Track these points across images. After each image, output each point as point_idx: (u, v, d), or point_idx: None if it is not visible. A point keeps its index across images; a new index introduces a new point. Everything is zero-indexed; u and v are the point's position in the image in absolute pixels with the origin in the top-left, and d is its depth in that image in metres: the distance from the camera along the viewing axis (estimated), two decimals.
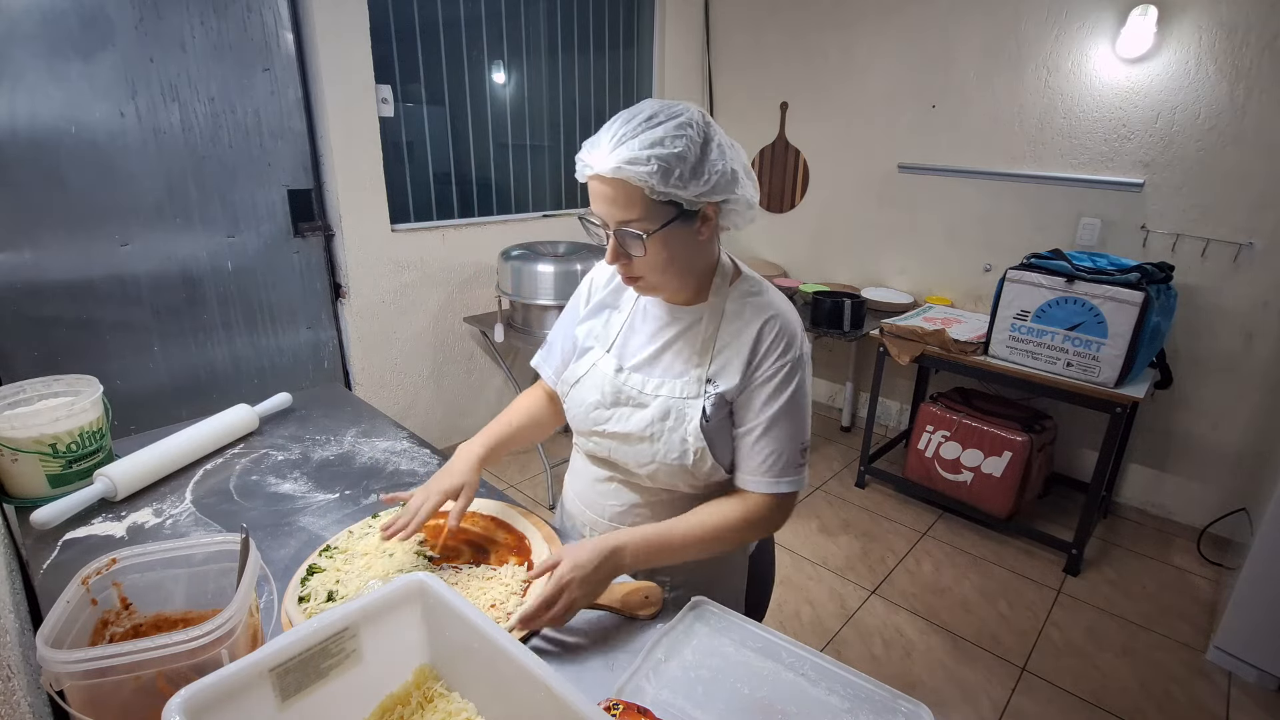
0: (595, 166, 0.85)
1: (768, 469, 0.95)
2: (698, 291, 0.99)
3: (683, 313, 0.99)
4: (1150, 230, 2.45)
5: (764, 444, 0.94)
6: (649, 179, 0.82)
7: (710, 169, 0.85)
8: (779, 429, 0.94)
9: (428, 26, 2.56)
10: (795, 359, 0.95)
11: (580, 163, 0.88)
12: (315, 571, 0.93)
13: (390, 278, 2.61)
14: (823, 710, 0.74)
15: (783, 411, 0.94)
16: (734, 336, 0.96)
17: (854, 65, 3.08)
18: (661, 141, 0.82)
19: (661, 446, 0.96)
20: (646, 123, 0.84)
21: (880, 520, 2.65)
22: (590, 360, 1.05)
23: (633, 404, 0.99)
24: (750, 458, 0.95)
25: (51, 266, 1.90)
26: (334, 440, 1.36)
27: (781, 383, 0.94)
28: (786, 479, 0.95)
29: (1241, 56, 2.18)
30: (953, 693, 1.84)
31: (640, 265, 0.90)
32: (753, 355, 0.94)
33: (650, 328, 1.02)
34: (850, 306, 2.72)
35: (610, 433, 1.01)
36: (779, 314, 0.96)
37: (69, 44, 1.82)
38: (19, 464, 1.06)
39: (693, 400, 0.95)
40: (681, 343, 0.99)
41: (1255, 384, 2.35)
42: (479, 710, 0.69)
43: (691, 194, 0.85)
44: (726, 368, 0.95)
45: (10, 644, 0.73)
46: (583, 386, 1.04)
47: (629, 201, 0.84)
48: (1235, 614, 1.88)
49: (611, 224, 0.88)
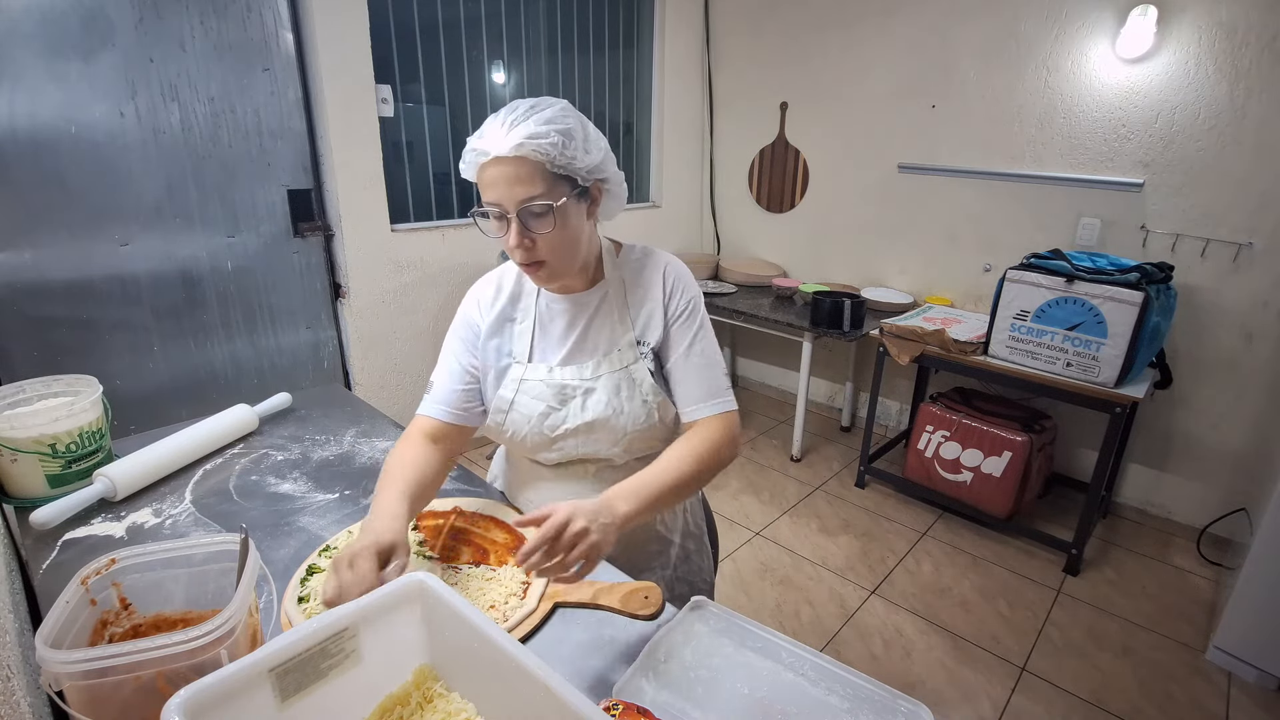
0: (494, 150, 0.88)
1: (708, 392, 1.02)
2: (593, 275, 1.05)
3: (585, 297, 1.05)
4: (1150, 230, 2.45)
5: (697, 371, 1.03)
6: (550, 150, 0.87)
7: (595, 143, 0.93)
8: (705, 355, 1.03)
9: (428, 26, 2.56)
10: (694, 295, 1.05)
11: (472, 153, 0.91)
12: (315, 571, 0.93)
13: (390, 278, 2.61)
14: (823, 710, 0.74)
15: (700, 338, 1.04)
16: (644, 295, 1.04)
17: (854, 65, 3.08)
18: (552, 120, 0.88)
19: (627, 419, 1.02)
20: (532, 109, 0.89)
21: (880, 520, 2.65)
22: (515, 376, 1.04)
23: (581, 393, 1.02)
24: (691, 388, 1.02)
25: (51, 266, 1.90)
26: (334, 440, 1.35)
27: (692, 313, 1.04)
28: (725, 398, 1.03)
29: (1241, 57, 2.18)
30: (953, 693, 1.84)
31: (544, 246, 0.92)
32: (665, 301, 1.04)
33: (560, 324, 1.05)
34: (850, 306, 2.72)
35: (570, 430, 1.02)
36: (670, 262, 1.06)
37: (69, 44, 1.82)
38: (19, 464, 1.06)
39: (635, 365, 1.02)
40: (598, 322, 1.04)
41: (1255, 384, 2.35)
42: (479, 710, 0.69)
43: (584, 166, 0.91)
44: (649, 323, 1.04)
45: (10, 644, 0.73)
46: (521, 404, 1.03)
47: (531, 177, 0.88)
48: (1235, 614, 1.88)
49: (513, 205, 0.89)
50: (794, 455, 3.11)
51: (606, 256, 1.06)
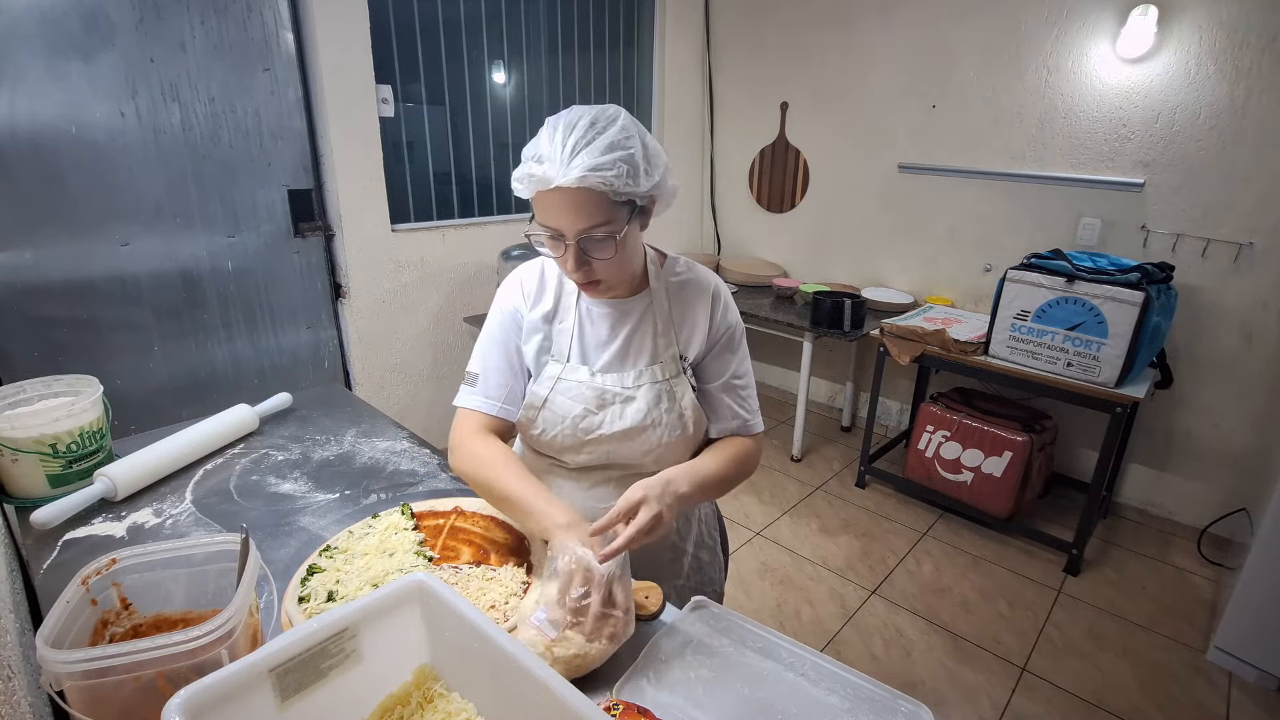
0: (555, 179, 0.83)
1: (746, 415, 1.08)
2: (639, 282, 1.05)
3: (629, 305, 1.04)
4: (1150, 230, 2.45)
5: (737, 395, 1.07)
6: (614, 182, 0.83)
7: (656, 162, 0.90)
8: (744, 380, 1.08)
9: (428, 26, 2.56)
10: (738, 321, 1.09)
11: (530, 178, 0.86)
12: (315, 571, 0.93)
13: (390, 278, 2.61)
14: (823, 710, 0.74)
15: (741, 361, 1.08)
16: (690, 312, 1.05)
17: (854, 65, 3.08)
18: (615, 145, 0.84)
19: (664, 430, 1.02)
20: (592, 128, 0.85)
21: (880, 520, 2.65)
22: (552, 374, 1.03)
23: (620, 400, 1.01)
24: (729, 410, 1.07)
25: (51, 266, 1.90)
26: (334, 440, 1.35)
27: (738, 339, 1.08)
28: (758, 420, 1.10)
29: (1241, 57, 2.18)
30: (953, 693, 1.84)
31: (602, 269, 0.92)
32: (710, 325, 1.05)
33: (603, 328, 1.04)
34: (850, 306, 2.72)
35: (607, 435, 1.01)
36: (719, 285, 1.08)
37: (69, 44, 1.82)
38: (19, 464, 1.06)
39: (676, 379, 1.03)
40: (641, 331, 1.04)
41: (1255, 384, 2.35)
42: (479, 710, 0.69)
43: (645, 189, 0.88)
44: (692, 339, 1.05)
45: (10, 644, 0.73)
46: (555, 403, 1.02)
47: (595, 208, 0.85)
48: (1235, 614, 1.88)
49: (572, 234, 0.87)
50: (794, 455, 3.11)
51: (651, 266, 1.05)
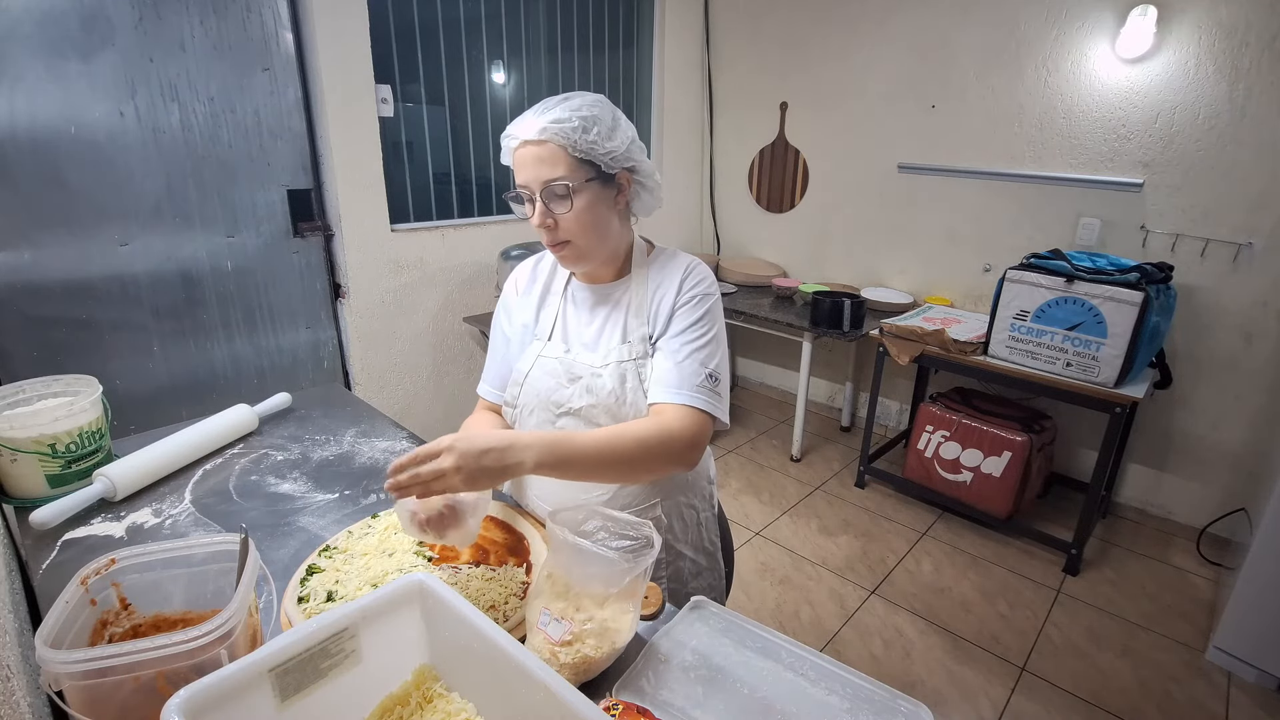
0: (522, 134, 0.96)
1: (681, 381, 1.00)
2: (621, 268, 1.09)
3: (610, 289, 1.09)
4: (1150, 230, 2.45)
5: (680, 357, 1.01)
6: (571, 134, 0.93)
7: (622, 133, 0.99)
8: (694, 345, 1.02)
9: (428, 26, 2.56)
10: (706, 291, 1.05)
11: (507, 139, 0.99)
12: (315, 572, 0.93)
13: (390, 278, 2.61)
14: (823, 710, 0.74)
15: (697, 328, 1.03)
16: (663, 290, 1.06)
17: (854, 65, 3.08)
18: (579, 108, 0.96)
19: (629, 409, 1.04)
20: (564, 99, 0.97)
21: (880, 520, 2.65)
22: (534, 351, 1.10)
23: (589, 375, 1.05)
24: (667, 372, 1.01)
25: (51, 266, 1.90)
26: (333, 440, 1.35)
27: (698, 302, 1.04)
28: (700, 395, 0.99)
29: (1241, 57, 2.18)
30: (953, 693, 1.84)
31: (566, 226, 0.98)
32: (677, 295, 1.05)
33: (584, 311, 1.10)
34: (850, 306, 2.72)
35: (574, 409, 1.05)
36: (694, 261, 1.09)
37: (69, 44, 1.82)
38: (18, 464, 1.06)
39: (643, 360, 1.05)
40: (618, 314, 1.08)
41: (1255, 384, 2.35)
42: (479, 710, 0.69)
43: (606, 152, 0.96)
44: (660, 312, 1.06)
45: (10, 644, 0.73)
46: (535, 375, 1.09)
47: (554, 159, 0.95)
48: (1235, 614, 1.88)
49: (538, 186, 0.96)
50: (794, 455, 3.11)
51: (637, 254, 1.10)
